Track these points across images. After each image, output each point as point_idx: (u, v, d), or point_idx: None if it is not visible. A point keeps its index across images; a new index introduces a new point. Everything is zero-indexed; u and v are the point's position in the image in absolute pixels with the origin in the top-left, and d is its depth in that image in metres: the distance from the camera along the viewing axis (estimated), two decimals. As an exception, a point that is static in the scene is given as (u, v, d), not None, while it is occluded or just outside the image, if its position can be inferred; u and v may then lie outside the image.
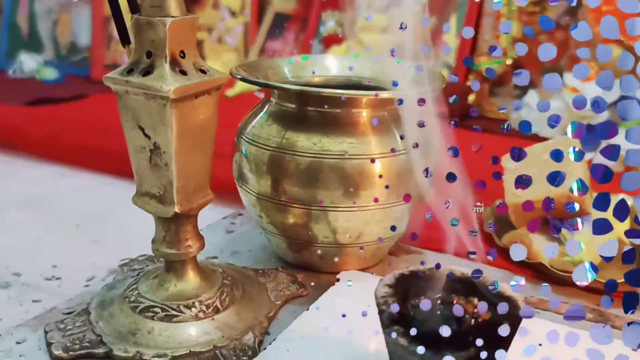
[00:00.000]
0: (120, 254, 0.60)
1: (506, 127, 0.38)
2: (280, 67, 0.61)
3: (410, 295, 0.38)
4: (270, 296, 0.52)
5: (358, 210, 0.52)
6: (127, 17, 0.45)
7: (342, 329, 0.47)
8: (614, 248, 0.30)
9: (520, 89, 1.08)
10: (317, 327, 0.47)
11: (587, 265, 0.45)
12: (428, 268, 0.39)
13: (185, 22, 0.43)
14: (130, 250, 0.60)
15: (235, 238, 0.65)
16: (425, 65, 0.44)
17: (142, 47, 0.44)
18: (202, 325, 0.47)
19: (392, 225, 0.54)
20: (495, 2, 0.72)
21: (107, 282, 0.54)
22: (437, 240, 0.58)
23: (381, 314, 0.36)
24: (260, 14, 1.40)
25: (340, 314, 0.48)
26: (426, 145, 0.55)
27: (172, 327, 0.46)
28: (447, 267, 0.40)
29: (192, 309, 0.47)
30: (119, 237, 0.66)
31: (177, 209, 0.45)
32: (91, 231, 0.67)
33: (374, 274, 0.55)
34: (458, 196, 0.43)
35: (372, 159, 0.51)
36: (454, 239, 0.47)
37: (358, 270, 0.56)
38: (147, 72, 0.43)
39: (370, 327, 0.39)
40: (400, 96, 0.53)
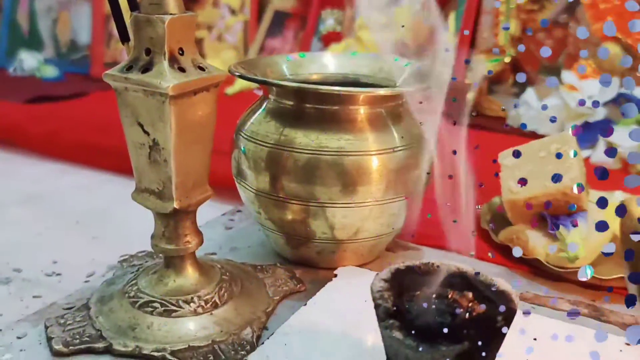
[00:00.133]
0: (119, 250, 0.60)
1: (506, 125, 0.38)
2: (279, 65, 0.62)
3: (406, 289, 0.38)
4: (268, 292, 0.52)
5: (355, 206, 0.52)
6: (127, 14, 0.46)
7: (340, 323, 0.47)
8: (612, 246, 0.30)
9: (518, 87, 1.09)
10: (315, 322, 0.47)
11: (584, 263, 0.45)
12: (424, 263, 0.39)
13: (183, 19, 0.44)
14: (130, 246, 0.61)
15: (234, 234, 0.65)
16: (424, 63, 0.45)
17: (141, 45, 0.44)
18: (200, 320, 0.47)
19: (389, 222, 0.54)
20: None
21: (107, 277, 0.55)
22: (434, 236, 0.59)
23: (377, 308, 0.36)
24: (259, 12, 1.40)
25: (338, 309, 0.49)
26: (425, 142, 0.55)
27: (171, 322, 0.47)
28: (443, 262, 0.40)
29: (191, 304, 0.48)
30: (118, 234, 0.66)
31: (176, 205, 0.46)
32: (91, 228, 0.68)
33: (371, 269, 0.56)
34: (457, 193, 0.43)
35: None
36: (450, 236, 0.48)
37: (355, 266, 0.57)
38: (146, 69, 0.43)
39: (367, 321, 0.39)
40: (397, 93, 0.54)
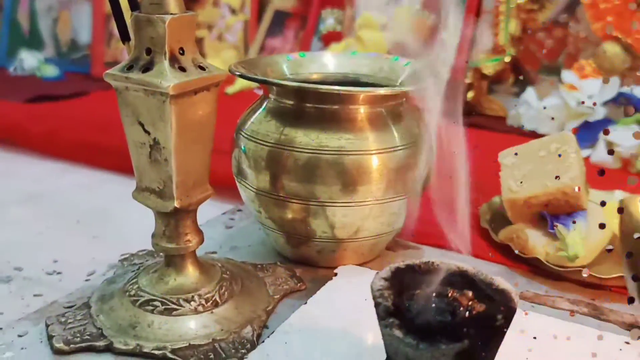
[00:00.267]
0: (120, 249, 0.60)
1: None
2: (279, 64, 0.62)
3: (406, 288, 0.38)
4: (268, 290, 0.53)
5: (356, 205, 0.52)
6: (127, 14, 0.46)
7: (340, 322, 0.47)
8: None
9: (518, 87, 1.09)
10: (315, 320, 0.47)
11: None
12: (424, 262, 0.40)
13: (184, 19, 0.44)
14: (130, 245, 0.61)
15: (234, 233, 0.65)
16: (424, 63, 0.45)
17: (141, 44, 0.44)
18: (201, 318, 0.47)
19: (389, 221, 0.54)
20: None
21: (108, 276, 0.55)
22: (434, 235, 0.59)
23: (377, 306, 0.36)
24: (260, 11, 1.40)
25: (338, 307, 0.49)
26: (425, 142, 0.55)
27: (171, 321, 0.47)
28: (443, 261, 0.40)
29: (192, 303, 0.48)
30: (119, 233, 0.66)
31: (176, 204, 0.46)
32: (91, 227, 0.68)
33: (371, 268, 0.56)
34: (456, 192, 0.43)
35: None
36: (449, 235, 0.48)
37: (356, 265, 0.57)
38: (146, 68, 0.43)
39: (367, 320, 0.39)
40: (397, 92, 0.54)
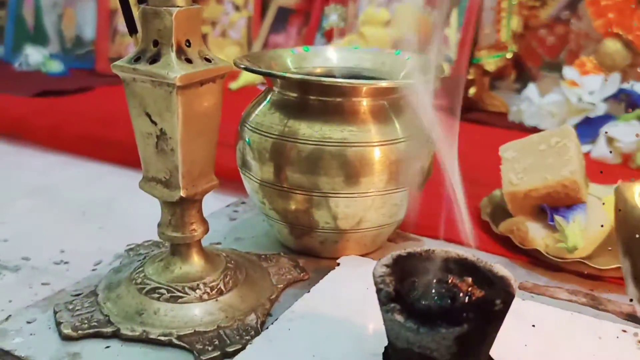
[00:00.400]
0: (125, 239, 0.61)
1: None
2: (283, 58, 0.63)
3: (407, 275, 0.39)
4: (272, 280, 0.53)
5: (358, 196, 0.53)
6: (134, 7, 0.47)
7: (342, 310, 0.48)
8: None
9: (520, 83, 1.09)
10: (318, 308, 0.48)
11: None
12: (425, 249, 0.40)
13: (191, 11, 0.45)
14: (136, 236, 0.62)
15: (238, 225, 0.66)
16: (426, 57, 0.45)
17: (149, 36, 0.45)
18: (206, 306, 0.48)
19: (391, 212, 0.55)
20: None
21: (114, 266, 0.56)
22: (436, 227, 0.60)
23: (379, 292, 0.37)
24: (263, 8, 1.41)
25: (341, 296, 0.50)
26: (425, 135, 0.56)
27: (177, 308, 0.48)
28: (444, 249, 0.41)
29: (197, 291, 0.49)
30: (124, 224, 0.67)
31: (182, 194, 0.47)
32: (97, 218, 0.69)
33: (373, 259, 0.57)
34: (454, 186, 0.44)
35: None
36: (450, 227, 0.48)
37: (358, 255, 0.58)
38: (154, 60, 0.44)
39: (369, 308, 0.40)
40: (399, 85, 0.55)
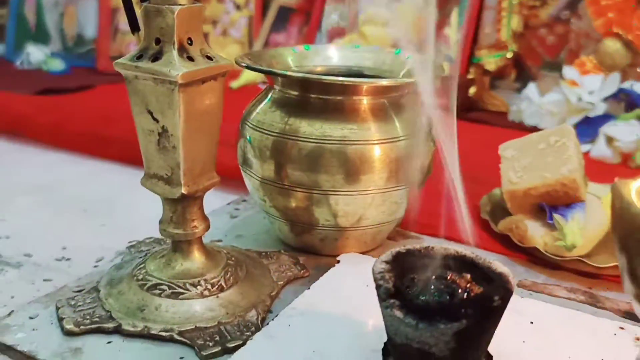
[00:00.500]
0: (127, 237, 0.62)
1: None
2: (284, 57, 0.63)
3: (407, 271, 0.39)
4: (272, 277, 0.54)
5: (358, 194, 0.54)
6: (137, 5, 0.47)
7: (342, 306, 0.48)
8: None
9: (520, 82, 1.10)
10: (318, 304, 0.49)
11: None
12: (424, 246, 0.41)
13: (192, 10, 0.45)
14: (137, 233, 0.62)
15: (239, 223, 0.67)
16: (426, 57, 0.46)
17: (151, 34, 0.45)
18: (207, 302, 0.48)
19: (390, 210, 0.56)
20: None
21: (116, 262, 0.56)
22: (435, 225, 0.60)
23: (378, 288, 0.38)
24: (264, 7, 1.41)
25: (340, 293, 0.51)
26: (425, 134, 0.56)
27: (178, 304, 0.48)
28: (443, 246, 0.41)
29: (198, 287, 0.49)
30: (126, 221, 0.68)
31: (183, 190, 0.47)
32: (99, 215, 0.69)
33: (373, 257, 0.57)
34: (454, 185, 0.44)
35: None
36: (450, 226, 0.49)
37: (358, 253, 0.58)
38: (156, 57, 0.45)
39: (369, 305, 0.41)
40: (399, 84, 0.55)
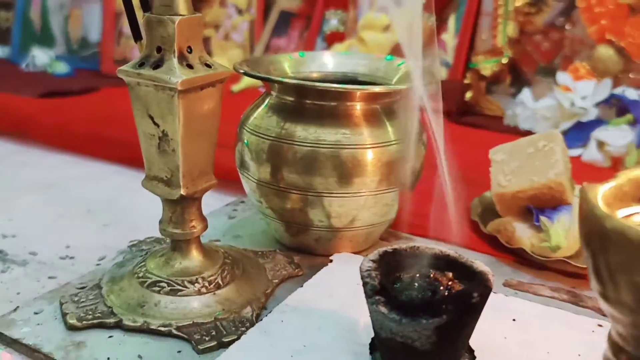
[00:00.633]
0: (128, 236, 0.64)
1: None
2: (281, 63, 0.65)
3: (393, 269, 0.42)
4: (268, 275, 0.56)
5: (351, 196, 0.56)
6: (139, 14, 0.49)
7: (333, 303, 0.50)
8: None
9: (515, 87, 1.12)
10: (310, 301, 0.51)
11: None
12: (410, 246, 0.43)
13: (192, 20, 0.47)
14: (138, 232, 0.64)
15: (236, 223, 0.69)
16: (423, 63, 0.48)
17: (152, 43, 0.48)
18: (204, 299, 0.51)
19: (382, 211, 0.58)
20: None
21: (117, 261, 0.58)
22: (426, 227, 0.62)
23: (365, 285, 0.40)
24: (266, 11, 1.43)
25: (332, 290, 0.53)
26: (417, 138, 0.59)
27: (177, 301, 0.50)
28: (429, 246, 0.43)
29: (196, 285, 0.51)
30: (127, 221, 0.70)
31: (182, 192, 0.49)
32: (102, 215, 0.72)
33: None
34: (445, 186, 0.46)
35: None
36: (440, 227, 0.51)
37: (351, 253, 0.60)
38: (157, 65, 0.47)
39: (359, 302, 0.43)
40: (392, 90, 0.57)
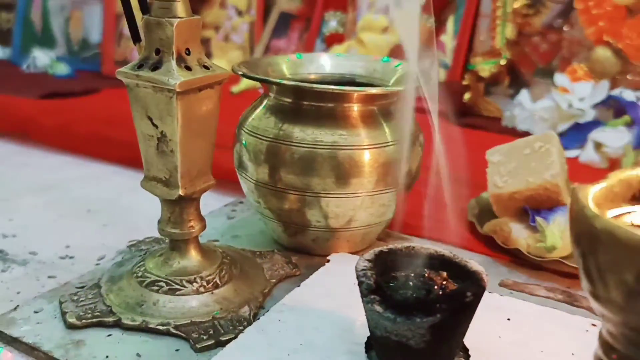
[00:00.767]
0: (128, 236, 0.65)
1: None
2: (279, 65, 0.66)
3: (389, 269, 0.42)
4: (266, 275, 0.56)
5: (348, 197, 0.56)
6: (138, 16, 0.50)
7: (330, 303, 0.51)
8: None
9: (514, 89, 1.12)
10: (307, 301, 0.51)
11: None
12: (405, 246, 0.43)
13: (190, 22, 0.48)
14: (138, 233, 0.65)
15: (235, 223, 0.69)
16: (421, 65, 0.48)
17: (151, 45, 0.48)
18: (202, 298, 0.51)
19: (379, 212, 0.58)
20: None
21: (117, 260, 0.59)
22: (423, 227, 0.63)
23: (360, 285, 0.40)
24: (265, 13, 1.44)
25: (329, 290, 0.53)
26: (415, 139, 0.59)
27: (175, 300, 0.51)
28: (424, 246, 0.44)
29: (194, 284, 0.52)
30: (126, 222, 0.70)
31: (181, 192, 0.50)
32: (101, 215, 0.72)
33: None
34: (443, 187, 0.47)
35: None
36: (438, 227, 0.51)
37: (348, 253, 0.61)
38: (155, 67, 0.47)
39: (355, 301, 0.43)
40: (388, 92, 0.58)
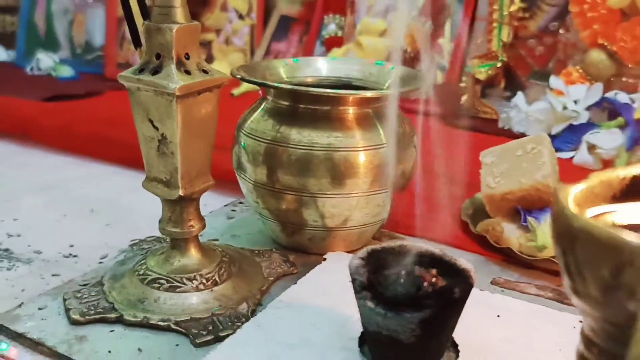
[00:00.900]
0: (130, 235, 0.66)
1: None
2: (277, 69, 0.67)
3: (381, 266, 0.44)
4: (264, 273, 0.58)
5: (344, 197, 0.58)
6: (139, 22, 0.51)
7: (326, 299, 0.52)
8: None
9: (510, 91, 1.13)
10: (304, 297, 0.53)
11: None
12: (398, 244, 0.45)
13: (190, 28, 0.50)
14: (139, 232, 0.66)
15: (235, 223, 0.71)
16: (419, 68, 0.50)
17: (152, 50, 0.50)
18: (202, 295, 0.53)
19: (374, 212, 0.60)
20: None
21: (119, 259, 0.61)
22: (417, 227, 0.64)
23: (353, 282, 0.42)
24: (266, 16, 1.45)
25: (325, 287, 0.55)
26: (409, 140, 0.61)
27: (175, 297, 0.52)
28: (416, 244, 0.45)
29: (194, 282, 0.53)
30: (128, 221, 0.72)
31: (181, 192, 0.51)
32: (104, 215, 0.74)
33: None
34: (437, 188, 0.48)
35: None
36: (431, 227, 0.53)
37: (344, 252, 0.62)
38: (156, 71, 0.49)
39: (350, 298, 0.45)
40: (382, 96, 0.59)
